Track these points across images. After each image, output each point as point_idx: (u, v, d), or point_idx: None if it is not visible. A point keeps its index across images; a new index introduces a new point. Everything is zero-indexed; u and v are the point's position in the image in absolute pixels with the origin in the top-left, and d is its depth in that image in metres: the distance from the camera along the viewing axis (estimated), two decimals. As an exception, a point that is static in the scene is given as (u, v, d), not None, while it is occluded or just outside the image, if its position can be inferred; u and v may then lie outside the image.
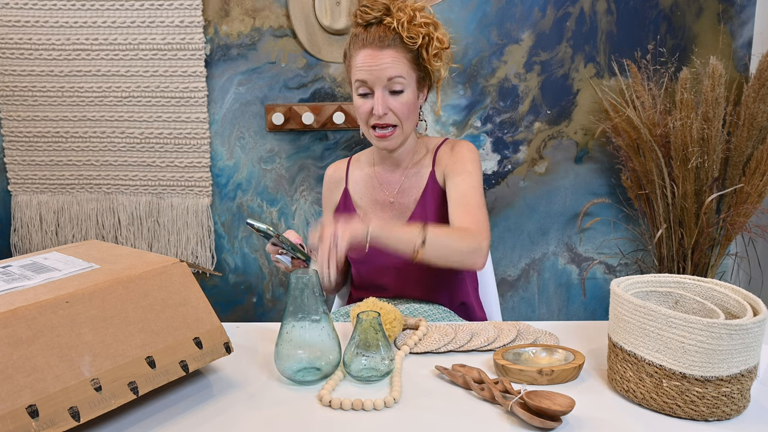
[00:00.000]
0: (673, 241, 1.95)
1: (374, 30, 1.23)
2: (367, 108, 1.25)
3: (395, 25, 1.21)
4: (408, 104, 1.25)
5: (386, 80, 1.22)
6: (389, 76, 1.22)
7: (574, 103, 2.09)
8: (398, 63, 1.23)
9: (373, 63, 1.22)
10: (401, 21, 1.21)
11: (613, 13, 2.03)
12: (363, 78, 1.23)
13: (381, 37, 1.22)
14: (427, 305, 1.31)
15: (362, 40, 1.24)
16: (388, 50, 1.22)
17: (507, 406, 0.81)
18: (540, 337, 1.04)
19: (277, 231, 1.11)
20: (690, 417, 0.80)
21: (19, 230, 2.18)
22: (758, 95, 1.82)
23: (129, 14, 2.02)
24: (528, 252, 2.20)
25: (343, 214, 1.39)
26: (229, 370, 0.97)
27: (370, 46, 1.22)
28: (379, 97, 1.23)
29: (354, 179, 1.42)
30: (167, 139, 2.10)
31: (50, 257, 0.95)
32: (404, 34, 1.21)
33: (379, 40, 1.22)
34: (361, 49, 1.24)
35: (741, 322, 0.76)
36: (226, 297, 2.24)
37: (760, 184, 1.84)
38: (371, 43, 1.22)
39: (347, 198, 1.41)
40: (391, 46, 1.22)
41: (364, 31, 1.24)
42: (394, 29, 1.21)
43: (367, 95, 1.25)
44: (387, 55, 1.22)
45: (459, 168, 1.29)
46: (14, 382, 0.69)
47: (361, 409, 0.84)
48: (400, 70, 1.23)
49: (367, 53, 1.23)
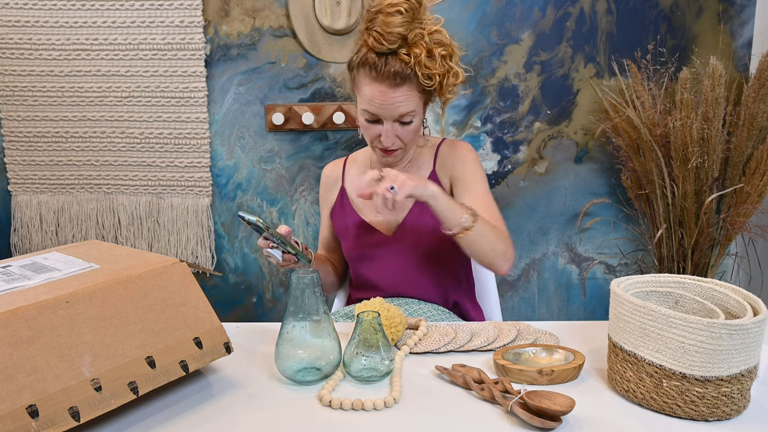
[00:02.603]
0: (673, 241, 1.95)
1: (390, 64, 1.17)
2: (375, 133, 1.23)
3: (412, 62, 1.16)
4: (415, 131, 1.24)
5: (398, 116, 1.20)
6: (401, 113, 1.19)
7: (574, 103, 2.09)
8: (410, 100, 1.19)
9: (385, 101, 1.18)
10: (419, 58, 1.15)
11: (613, 13, 2.03)
12: (373, 111, 1.20)
13: (395, 74, 1.16)
14: (427, 305, 1.31)
15: (375, 72, 1.18)
16: (402, 88, 1.18)
17: (507, 406, 0.81)
18: (540, 337, 1.04)
19: (267, 224, 1.10)
20: (690, 417, 0.80)
21: (19, 230, 2.18)
22: (758, 95, 1.82)
23: (129, 14, 2.02)
24: (528, 252, 2.20)
25: (339, 213, 1.40)
26: (229, 370, 0.97)
27: (383, 83, 1.17)
28: (388, 129, 1.21)
29: (351, 177, 1.42)
30: (167, 139, 2.10)
31: (50, 257, 0.95)
32: (420, 72, 1.16)
33: (393, 78, 1.17)
34: (372, 82, 1.19)
35: (741, 322, 0.76)
36: (226, 297, 2.24)
37: (760, 184, 1.84)
38: (385, 79, 1.17)
39: (344, 196, 1.41)
40: (405, 82, 1.17)
41: (377, 59, 1.18)
42: (410, 66, 1.16)
43: (375, 122, 1.23)
44: (400, 93, 1.18)
45: (470, 175, 1.30)
46: (14, 382, 0.69)
47: (361, 409, 0.84)
48: (412, 106, 1.20)
49: (379, 90, 1.18)
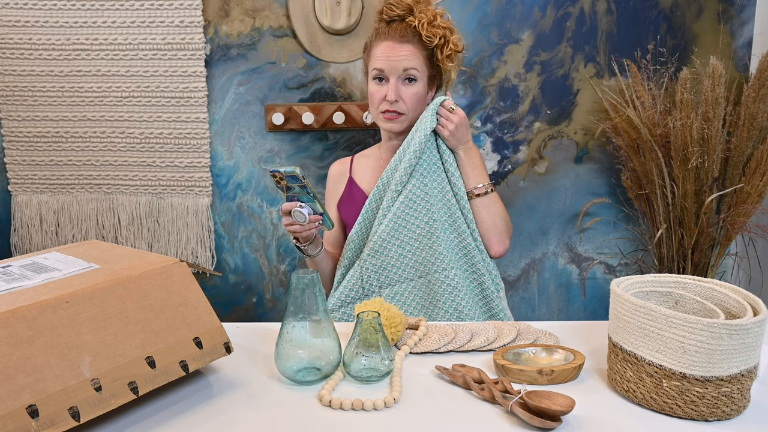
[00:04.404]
0: (673, 241, 1.95)
1: (396, 26, 1.37)
2: (381, 94, 1.38)
3: (416, 23, 1.35)
4: (418, 95, 1.39)
5: (402, 71, 1.36)
6: (405, 67, 1.36)
7: (574, 103, 2.09)
8: (414, 57, 1.36)
9: (392, 54, 1.36)
10: (422, 21, 1.34)
11: (613, 13, 2.03)
12: (381, 66, 1.37)
13: (401, 33, 1.36)
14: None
15: (384, 33, 1.38)
16: (407, 45, 1.36)
17: (507, 406, 0.81)
18: (540, 337, 1.04)
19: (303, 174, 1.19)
20: (690, 417, 0.80)
21: (19, 230, 2.18)
22: (758, 95, 1.82)
23: (129, 14, 2.02)
24: (528, 252, 2.20)
25: (348, 202, 1.51)
26: (229, 370, 0.97)
27: (390, 39, 1.36)
28: (393, 85, 1.36)
29: (360, 169, 1.54)
30: (167, 139, 2.10)
31: (50, 257, 0.95)
32: (423, 32, 1.34)
33: (400, 35, 1.36)
34: (381, 41, 1.38)
35: (741, 322, 0.76)
36: (226, 297, 2.24)
37: (760, 184, 1.83)
38: (392, 36, 1.36)
39: (352, 185, 1.52)
40: (410, 41, 1.36)
41: (387, 26, 1.39)
42: (414, 27, 1.35)
43: (382, 83, 1.39)
44: (405, 49, 1.36)
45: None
46: (14, 382, 0.69)
47: (361, 409, 0.84)
48: (415, 63, 1.36)
49: (387, 45, 1.36)
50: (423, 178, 1.35)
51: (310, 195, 1.22)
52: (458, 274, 1.32)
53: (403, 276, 1.34)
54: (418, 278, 1.34)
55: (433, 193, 1.35)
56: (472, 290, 1.35)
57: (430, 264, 1.33)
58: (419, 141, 1.33)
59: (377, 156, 1.53)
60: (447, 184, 1.37)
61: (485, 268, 1.37)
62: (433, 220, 1.33)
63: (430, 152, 1.36)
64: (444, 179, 1.37)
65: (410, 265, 1.35)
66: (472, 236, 1.36)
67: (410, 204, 1.34)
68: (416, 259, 1.35)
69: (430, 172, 1.36)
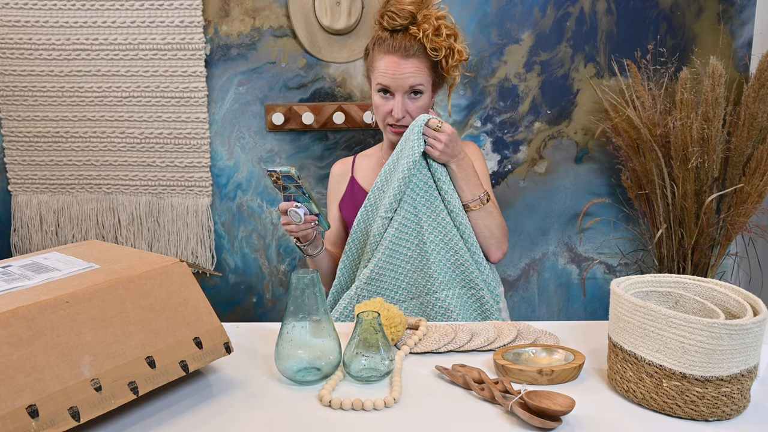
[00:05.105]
0: (673, 241, 1.95)
1: (399, 38, 1.30)
2: (387, 109, 1.35)
3: (420, 36, 1.28)
4: (424, 107, 1.36)
5: (407, 87, 1.31)
6: (411, 84, 1.31)
7: (574, 103, 2.09)
8: (420, 72, 1.31)
9: (397, 71, 1.30)
10: (426, 33, 1.27)
11: (613, 13, 2.03)
12: (386, 84, 1.32)
13: (406, 47, 1.29)
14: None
15: (387, 46, 1.31)
16: (412, 59, 1.30)
17: (507, 406, 0.81)
18: (540, 337, 1.04)
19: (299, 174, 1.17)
20: (690, 417, 0.80)
21: (19, 230, 2.18)
22: (758, 95, 1.82)
23: (129, 14, 2.02)
24: (528, 252, 2.20)
25: (350, 201, 1.50)
26: (229, 370, 0.97)
27: (395, 54, 1.30)
28: (399, 101, 1.32)
29: (362, 168, 1.53)
30: (167, 139, 2.10)
31: (50, 257, 0.95)
32: (428, 45, 1.28)
33: (404, 50, 1.29)
34: (385, 55, 1.31)
35: (741, 322, 0.76)
36: (226, 297, 2.24)
37: (760, 184, 1.83)
38: (396, 51, 1.30)
39: (354, 185, 1.51)
40: (414, 55, 1.30)
41: (390, 36, 1.31)
42: (419, 40, 1.28)
43: (387, 95, 1.35)
44: (410, 65, 1.30)
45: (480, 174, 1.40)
46: (14, 382, 0.69)
47: (361, 409, 0.84)
48: (421, 79, 1.31)
49: (391, 60, 1.30)
50: (413, 201, 1.29)
51: (305, 195, 1.21)
52: (451, 294, 1.29)
53: (396, 298, 1.31)
54: (410, 300, 1.31)
55: (424, 216, 1.29)
56: (468, 308, 1.32)
57: (421, 286, 1.30)
58: (407, 167, 1.27)
59: (379, 156, 1.53)
60: (440, 203, 1.30)
61: (483, 282, 1.33)
62: (424, 243, 1.28)
63: (419, 173, 1.29)
64: (436, 197, 1.30)
65: (403, 287, 1.32)
66: (470, 251, 1.32)
67: (402, 230, 1.29)
68: (409, 281, 1.31)
69: (420, 194, 1.29)
